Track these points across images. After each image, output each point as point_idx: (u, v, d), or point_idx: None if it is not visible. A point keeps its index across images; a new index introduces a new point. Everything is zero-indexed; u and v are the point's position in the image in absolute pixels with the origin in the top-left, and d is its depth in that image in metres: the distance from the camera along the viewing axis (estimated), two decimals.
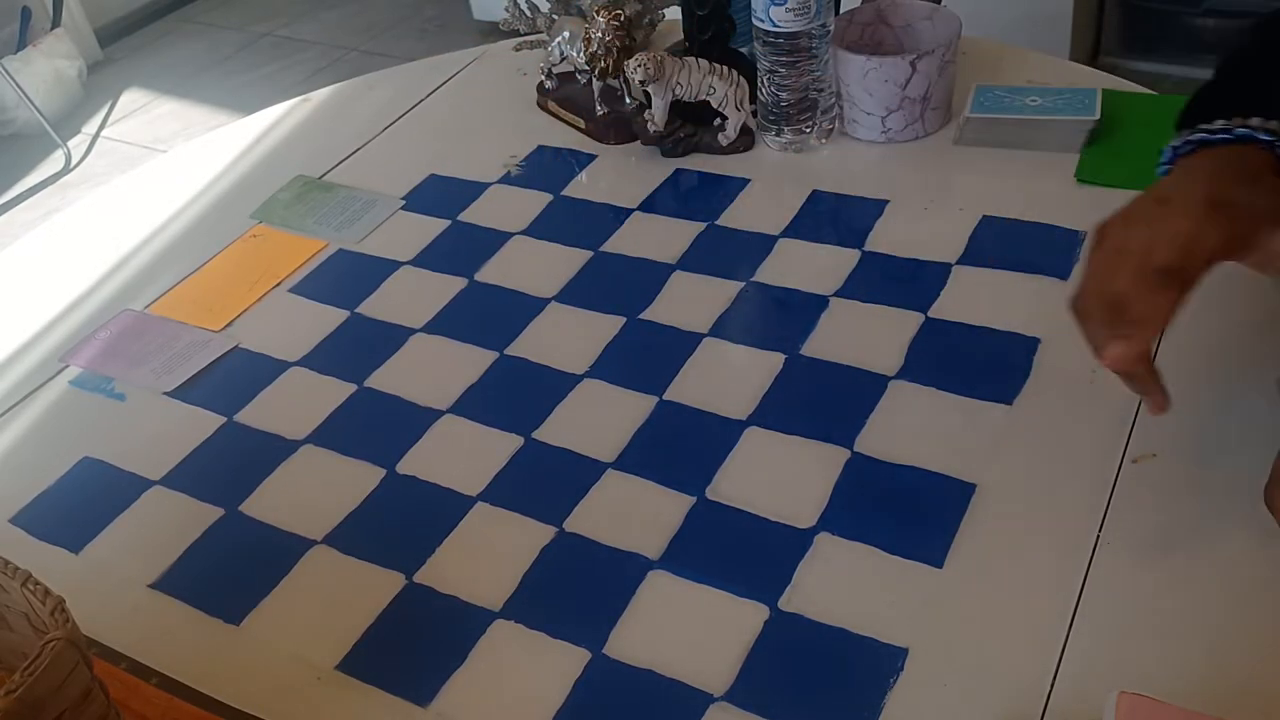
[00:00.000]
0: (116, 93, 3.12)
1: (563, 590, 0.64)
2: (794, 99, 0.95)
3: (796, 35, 0.91)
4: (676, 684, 0.58)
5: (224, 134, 1.17)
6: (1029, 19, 2.16)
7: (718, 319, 0.81)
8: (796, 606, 0.61)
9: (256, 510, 0.72)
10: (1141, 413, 0.68)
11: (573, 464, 0.71)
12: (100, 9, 3.32)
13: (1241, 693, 0.54)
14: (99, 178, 2.72)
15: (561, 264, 0.89)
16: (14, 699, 0.46)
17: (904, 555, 0.63)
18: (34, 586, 0.51)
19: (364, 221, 0.98)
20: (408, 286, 0.90)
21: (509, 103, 1.13)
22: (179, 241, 1.01)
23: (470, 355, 0.82)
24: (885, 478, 0.67)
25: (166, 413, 0.81)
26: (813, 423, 0.72)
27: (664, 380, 0.77)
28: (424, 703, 0.59)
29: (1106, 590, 0.59)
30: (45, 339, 0.91)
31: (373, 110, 1.16)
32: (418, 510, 0.70)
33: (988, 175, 0.91)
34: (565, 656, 0.60)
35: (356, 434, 0.76)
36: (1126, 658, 0.56)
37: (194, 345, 0.87)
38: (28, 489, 0.76)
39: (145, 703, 0.60)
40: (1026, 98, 0.95)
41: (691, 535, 0.66)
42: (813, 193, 0.93)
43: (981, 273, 0.82)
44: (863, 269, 0.84)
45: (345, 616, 0.64)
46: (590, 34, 0.97)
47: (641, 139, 1.01)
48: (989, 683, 0.56)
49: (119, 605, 0.67)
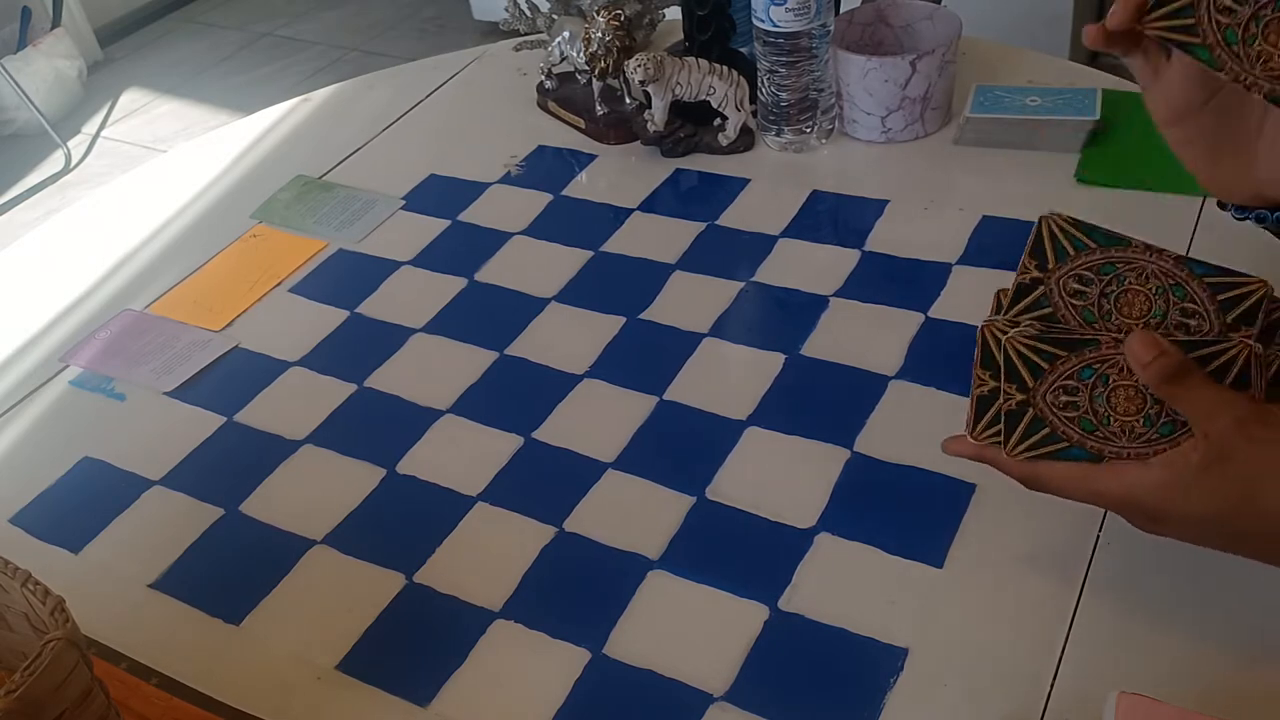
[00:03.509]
0: (116, 93, 3.12)
1: (563, 590, 0.64)
2: (794, 99, 0.95)
3: (796, 35, 0.91)
4: (676, 684, 0.58)
5: (224, 134, 1.17)
6: (1029, 19, 2.16)
7: (718, 319, 0.81)
8: (796, 606, 0.61)
9: (256, 510, 0.72)
10: None
11: (573, 464, 0.71)
12: (100, 9, 3.32)
13: (1241, 693, 0.54)
14: (99, 178, 2.72)
15: (561, 264, 0.89)
16: (14, 699, 0.46)
17: (904, 555, 0.63)
18: (34, 586, 0.51)
19: (364, 221, 0.98)
20: (408, 286, 0.90)
21: (509, 103, 1.13)
22: (179, 241, 1.01)
23: (470, 355, 0.82)
24: (885, 478, 0.67)
25: (166, 413, 0.81)
26: (813, 423, 0.72)
27: (664, 380, 0.77)
28: (424, 703, 0.59)
29: (1106, 590, 0.59)
30: (45, 339, 0.91)
31: (373, 110, 1.16)
32: (418, 510, 0.70)
33: (988, 175, 0.91)
34: (565, 656, 0.60)
35: (356, 434, 0.76)
36: (1126, 658, 0.56)
37: (194, 345, 0.87)
38: (28, 489, 0.76)
39: (145, 703, 0.60)
40: (1026, 98, 0.95)
41: (691, 535, 0.66)
42: (813, 193, 0.93)
43: (981, 273, 0.82)
44: (863, 269, 0.84)
45: (345, 616, 0.64)
46: (590, 34, 0.97)
47: (641, 139, 1.01)
48: (989, 683, 0.56)
49: (119, 605, 0.67)
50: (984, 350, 0.53)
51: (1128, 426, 0.52)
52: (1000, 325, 0.53)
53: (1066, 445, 0.54)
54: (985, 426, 0.55)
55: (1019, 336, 0.52)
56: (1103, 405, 0.52)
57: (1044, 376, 0.53)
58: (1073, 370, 0.52)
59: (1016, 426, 0.54)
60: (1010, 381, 0.53)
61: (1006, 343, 0.52)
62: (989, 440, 0.55)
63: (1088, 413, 0.53)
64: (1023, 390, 0.53)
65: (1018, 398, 0.53)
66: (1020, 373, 0.53)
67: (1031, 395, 0.53)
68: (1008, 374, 0.53)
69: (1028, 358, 0.52)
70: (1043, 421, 0.53)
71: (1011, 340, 0.52)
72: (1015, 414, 0.54)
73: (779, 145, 0.99)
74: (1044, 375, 0.53)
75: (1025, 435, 0.54)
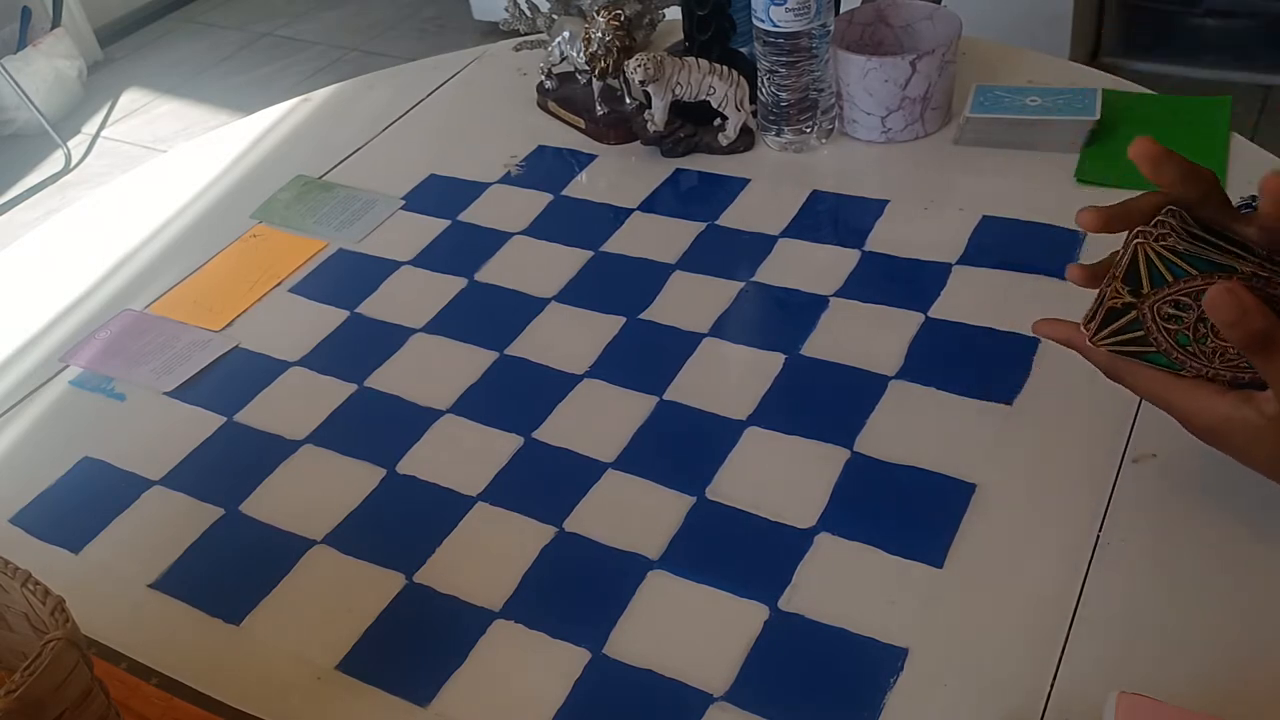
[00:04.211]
0: (116, 93, 3.12)
1: (563, 590, 0.64)
2: (794, 99, 0.95)
3: (796, 35, 0.91)
4: (676, 684, 0.58)
5: (224, 134, 1.17)
6: (1029, 19, 2.16)
7: (718, 319, 0.81)
8: (796, 606, 0.61)
9: (256, 510, 0.72)
10: (1142, 413, 0.68)
11: (573, 464, 0.71)
12: (100, 9, 3.32)
13: (1241, 693, 0.54)
14: (99, 178, 2.72)
15: (561, 264, 0.89)
16: (14, 699, 0.46)
17: (904, 555, 0.63)
18: (34, 586, 0.51)
19: (364, 221, 0.98)
20: (408, 286, 0.90)
21: (509, 103, 1.13)
22: (179, 241, 1.01)
23: (470, 355, 0.82)
24: (885, 478, 0.67)
25: (166, 413, 0.81)
26: (813, 423, 0.72)
27: (664, 380, 0.77)
28: (424, 703, 0.59)
29: (1106, 590, 0.59)
30: (45, 339, 0.91)
31: (373, 110, 1.16)
32: (418, 510, 0.70)
33: (988, 175, 0.91)
34: (565, 656, 0.60)
35: (356, 434, 0.76)
36: (1126, 658, 0.56)
37: (194, 345, 0.87)
38: (28, 489, 0.76)
39: (145, 703, 0.60)
40: (1026, 98, 0.95)
41: (691, 535, 0.66)
42: (813, 193, 0.93)
43: (981, 273, 0.82)
44: (863, 269, 0.84)
45: (345, 616, 0.64)
46: (590, 34, 0.97)
47: (641, 139, 1.01)
48: (989, 683, 0.56)
49: (119, 605, 0.67)
50: (1131, 263, 0.53)
51: (1220, 349, 0.53)
52: (1148, 232, 0.52)
53: (1154, 350, 0.55)
54: (1100, 327, 0.56)
55: (1158, 244, 0.52)
56: (1205, 327, 0.53)
57: (1163, 287, 0.53)
58: (1194, 290, 0.52)
59: (1114, 321, 0.55)
60: (1126, 284, 0.53)
61: (1139, 247, 0.52)
62: (1104, 343, 0.56)
63: (1188, 328, 0.53)
64: (1135, 294, 0.54)
65: (1126, 298, 0.54)
66: (1141, 277, 0.53)
67: (1142, 301, 0.53)
68: (1127, 275, 0.53)
69: (1155, 267, 0.52)
70: (1140, 324, 0.54)
71: (1147, 246, 0.52)
72: (1117, 311, 0.55)
73: (779, 145, 0.99)
74: (1164, 286, 0.53)
75: (1119, 331, 0.55)
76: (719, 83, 0.96)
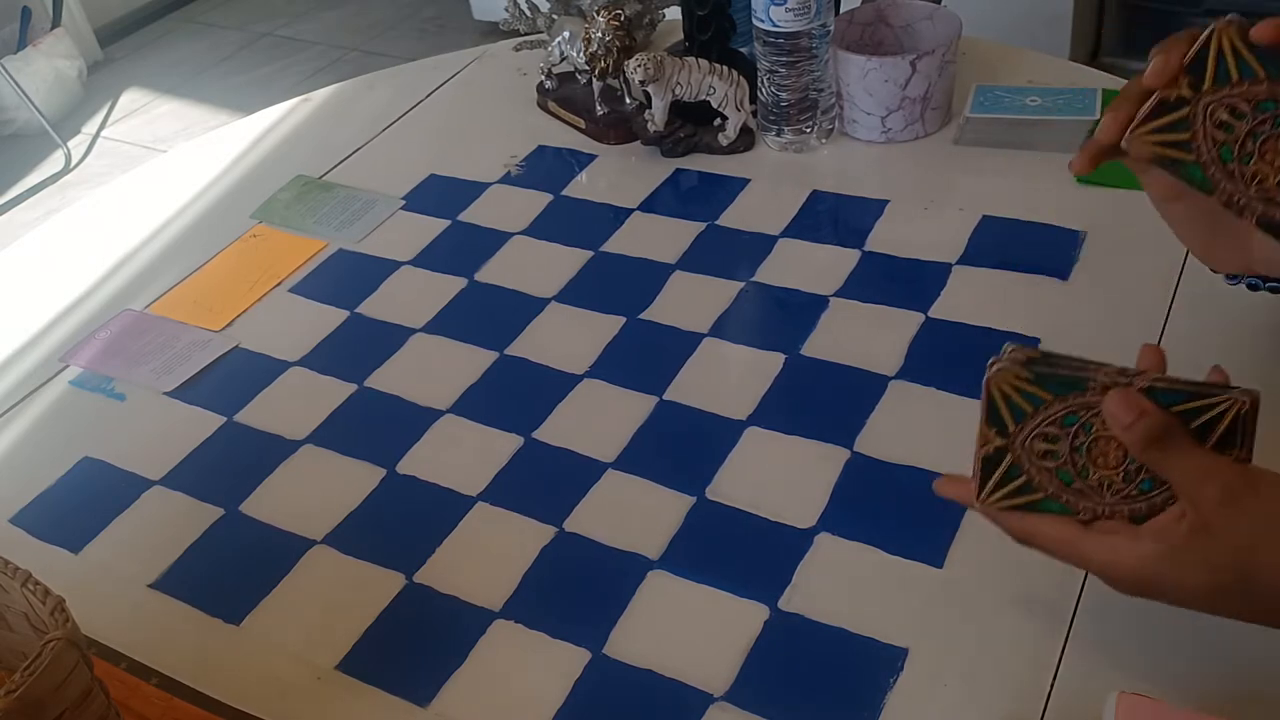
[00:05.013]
0: (116, 93, 3.12)
1: (563, 590, 0.64)
2: (794, 99, 0.95)
3: (796, 35, 0.91)
4: (676, 684, 0.58)
5: (224, 134, 1.17)
6: (1029, 19, 2.16)
7: (718, 319, 0.81)
8: (796, 606, 0.61)
9: (256, 510, 0.72)
10: None
11: (573, 464, 0.71)
12: (100, 9, 3.32)
13: (1241, 693, 0.54)
14: (99, 178, 2.72)
15: (561, 264, 0.89)
16: (14, 699, 0.46)
17: (904, 555, 0.63)
18: (34, 586, 0.51)
19: (364, 221, 0.98)
20: (408, 286, 0.90)
21: (509, 103, 1.13)
22: (179, 241, 1.01)
23: (470, 355, 0.82)
24: (885, 478, 0.67)
25: (166, 413, 0.81)
26: (813, 423, 0.72)
27: (664, 380, 0.77)
28: (424, 703, 0.59)
29: (1106, 590, 0.59)
30: (45, 339, 0.91)
31: (373, 110, 1.16)
32: (418, 510, 0.70)
33: (988, 175, 0.91)
34: (565, 656, 0.60)
35: (356, 434, 0.76)
36: (1126, 658, 0.56)
37: (194, 345, 0.87)
38: (28, 489, 0.76)
39: (145, 703, 0.60)
40: (1026, 98, 0.95)
41: (691, 535, 0.66)
42: (813, 193, 0.93)
43: (981, 273, 0.82)
44: (863, 269, 0.84)
45: (345, 616, 0.64)
46: (590, 34, 0.97)
47: (641, 139, 1.01)
48: (989, 683, 0.56)
49: (119, 605, 0.67)
50: (990, 405, 0.50)
51: (1106, 480, 0.50)
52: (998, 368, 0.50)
53: (1041, 497, 0.51)
54: (992, 487, 0.52)
55: (1007, 378, 0.49)
56: (1082, 456, 0.50)
57: (1025, 421, 0.50)
58: (1056, 416, 0.49)
59: (993, 471, 0.51)
60: (992, 425, 0.51)
61: (991, 383, 0.49)
62: (995, 501, 0.52)
63: (1066, 463, 0.50)
64: (1003, 435, 0.50)
65: (996, 442, 0.51)
66: (1003, 417, 0.50)
67: (1011, 440, 0.51)
68: (990, 417, 0.50)
69: (1013, 402, 0.50)
70: (1019, 469, 0.51)
71: (997, 381, 0.49)
72: (992, 459, 0.51)
73: (779, 145, 0.99)
74: (1026, 420, 0.50)
75: (1002, 482, 0.51)
76: (719, 83, 0.96)
